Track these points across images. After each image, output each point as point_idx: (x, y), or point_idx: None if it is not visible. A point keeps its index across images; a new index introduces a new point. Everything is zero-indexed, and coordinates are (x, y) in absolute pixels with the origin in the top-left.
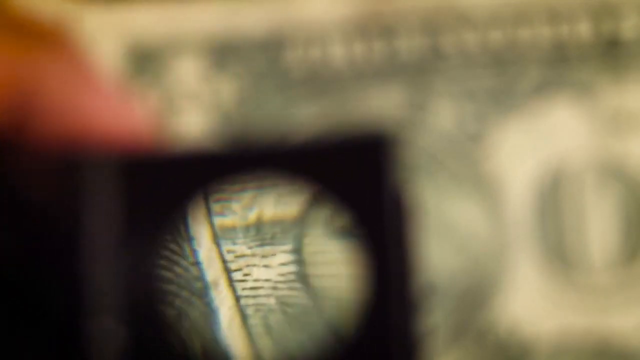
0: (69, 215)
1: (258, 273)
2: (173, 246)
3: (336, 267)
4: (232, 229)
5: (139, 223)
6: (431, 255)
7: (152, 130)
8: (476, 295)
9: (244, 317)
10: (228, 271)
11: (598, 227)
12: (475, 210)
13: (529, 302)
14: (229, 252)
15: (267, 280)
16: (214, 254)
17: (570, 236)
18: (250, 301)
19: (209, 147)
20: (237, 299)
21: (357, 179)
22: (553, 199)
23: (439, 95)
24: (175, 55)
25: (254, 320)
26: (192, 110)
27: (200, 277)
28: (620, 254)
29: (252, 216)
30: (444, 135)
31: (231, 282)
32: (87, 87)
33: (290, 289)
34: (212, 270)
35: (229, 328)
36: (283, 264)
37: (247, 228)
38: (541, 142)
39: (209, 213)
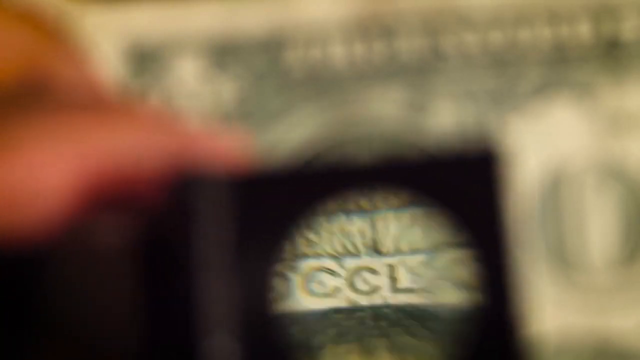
0: (182, 234)
1: (373, 285)
2: (286, 262)
3: (450, 279)
4: (344, 243)
5: (252, 240)
6: None
7: (251, 150)
8: None
9: (362, 329)
10: (342, 285)
11: (598, 228)
12: None
13: (529, 302)
14: (341, 266)
15: (382, 292)
16: (328, 268)
17: (570, 236)
18: (368, 313)
19: (319, 163)
20: (353, 312)
21: (469, 193)
22: (553, 199)
23: (439, 96)
24: (175, 55)
25: (373, 332)
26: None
27: (315, 292)
28: (620, 254)
29: (363, 231)
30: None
31: (346, 295)
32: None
33: (405, 301)
34: (327, 285)
35: (347, 340)
36: (397, 276)
37: (358, 242)
38: (541, 142)
39: (321, 228)
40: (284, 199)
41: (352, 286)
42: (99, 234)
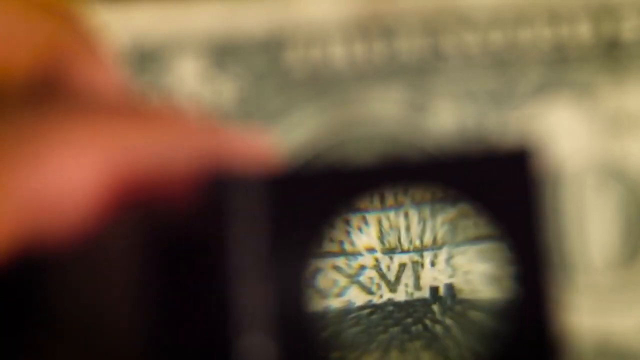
0: (216, 234)
1: (408, 281)
2: (320, 260)
3: (484, 275)
4: (377, 240)
5: (286, 239)
6: None
7: (279, 150)
8: None
9: (397, 325)
10: (377, 281)
11: (598, 228)
12: None
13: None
14: (376, 262)
15: (417, 288)
16: (361, 265)
17: (571, 236)
18: (403, 309)
19: (351, 162)
20: (388, 308)
21: (504, 189)
22: (553, 199)
23: (440, 96)
24: (176, 55)
25: (408, 328)
26: None
27: (349, 289)
28: (620, 255)
29: (397, 227)
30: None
31: (381, 292)
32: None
33: (440, 296)
34: (361, 281)
35: (382, 336)
36: (432, 274)
37: (392, 238)
38: (541, 143)
39: (355, 227)
40: (317, 197)
41: (387, 282)
42: (127, 235)
